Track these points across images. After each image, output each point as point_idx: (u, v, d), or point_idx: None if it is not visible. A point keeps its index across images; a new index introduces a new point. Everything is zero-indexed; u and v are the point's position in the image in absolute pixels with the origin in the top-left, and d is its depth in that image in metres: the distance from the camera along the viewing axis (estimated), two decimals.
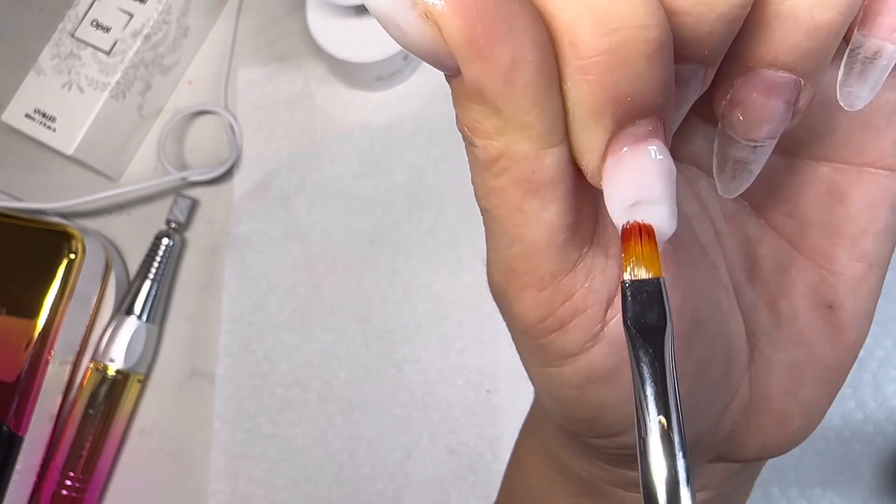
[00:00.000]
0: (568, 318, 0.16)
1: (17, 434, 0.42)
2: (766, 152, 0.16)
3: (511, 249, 0.15)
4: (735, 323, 0.19)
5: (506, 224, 0.15)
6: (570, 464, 0.23)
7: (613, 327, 0.16)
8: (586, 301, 0.16)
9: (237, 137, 0.49)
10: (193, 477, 0.45)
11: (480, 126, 0.14)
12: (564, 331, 0.16)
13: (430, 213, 0.47)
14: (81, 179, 0.49)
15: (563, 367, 0.17)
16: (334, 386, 0.45)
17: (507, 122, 0.14)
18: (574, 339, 0.16)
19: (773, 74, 0.14)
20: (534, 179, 0.14)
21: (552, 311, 0.16)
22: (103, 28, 0.46)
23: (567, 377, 0.17)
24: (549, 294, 0.16)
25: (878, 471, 0.42)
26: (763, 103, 0.15)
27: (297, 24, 0.50)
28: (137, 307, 0.45)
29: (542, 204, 0.15)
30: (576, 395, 0.17)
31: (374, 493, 0.44)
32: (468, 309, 0.45)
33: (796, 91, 0.15)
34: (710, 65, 0.15)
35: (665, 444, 0.13)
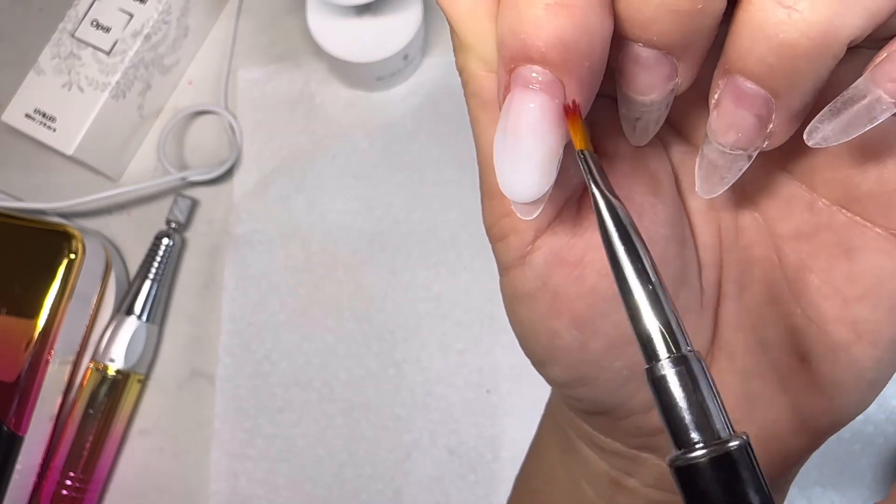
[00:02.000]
0: (506, 231, 0.18)
1: (18, 434, 0.42)
2: (739, 164, 0.16)
3: (477, 157, 0.18)
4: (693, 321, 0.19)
5: (473, 131, 0.17)
6: (557, 411, 0.24)
7: (539, 257, 0.18)
8: (521, 223, 0.18)
9: (237, 137, 0.49)
10: (193, 477, 0.45)
11: (454, 43, 0.17)
12: (505, 243, 0.18)
13: (430, 213, 0.47)
14: (81, 179, 0.49)
15: (503, 276, 0.19)
16: (334, 386, 0.45)
17: (463, 41, 0.16)
18: (508, 253, 0.18)
19: (743, 83, 0.14)
20: (482, 96, 0.17)
21: (497, 220, 0.18)
22: (103, 28, 0.46)
23: (504, 287, 0.19)
24: (496, 204, 0.18)
25: (878, 471, 0.42)
26: (732, 110, 0.15)
27: (297, 24, 0.50)
28: (137, 307, 0.45)
29: (489, 120, 0.17)
30: (508, 307, 0.19)
31: (374, 493, 0.44)
32: (468, 309, 0.45)
33: (767, 108, 0.14)
34: (679, 56, 0.15)
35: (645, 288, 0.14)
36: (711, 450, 0.13)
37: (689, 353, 0.13)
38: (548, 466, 0.25)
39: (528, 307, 0.18)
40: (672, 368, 0.13)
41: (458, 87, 0.17)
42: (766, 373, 0.19)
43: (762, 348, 0.19)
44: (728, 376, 0.19)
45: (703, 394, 0.13)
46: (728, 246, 0.20)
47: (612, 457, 0.21)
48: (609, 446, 0.21)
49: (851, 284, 0.17)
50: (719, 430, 0.13)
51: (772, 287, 0.19)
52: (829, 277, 0.17)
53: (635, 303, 0.14)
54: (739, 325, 0.19)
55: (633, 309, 0.14)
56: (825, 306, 0.18)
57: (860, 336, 0.17)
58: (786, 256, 0.18)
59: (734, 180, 0.16)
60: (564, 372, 0.19)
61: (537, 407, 0.26)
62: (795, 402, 0.19)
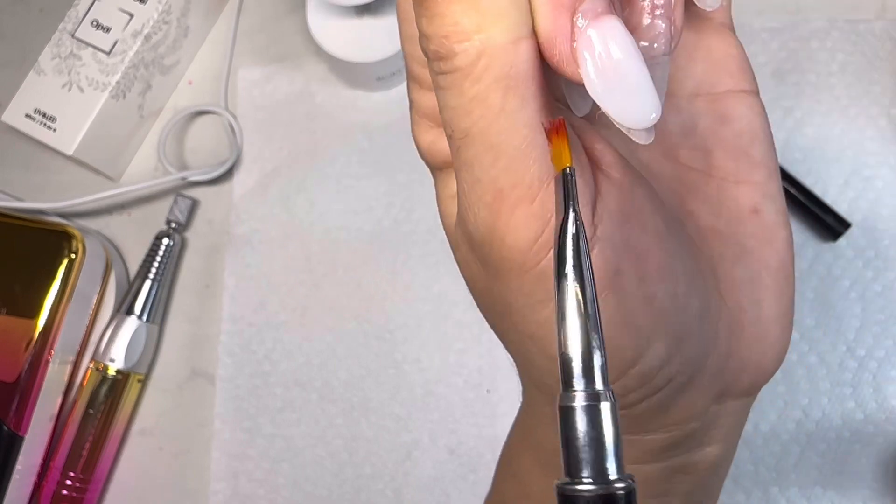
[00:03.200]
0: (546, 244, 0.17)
1: (18, 434, 0.42)
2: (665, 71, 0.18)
3: (495, 167, 0.16)
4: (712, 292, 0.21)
5: (489, 135, 0.16)
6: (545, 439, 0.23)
7: (607, 229, 0.17)
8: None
9: (237, 137, 0.49)
10: (193, 477, 0.45)
11: (459, 27, 0.15)
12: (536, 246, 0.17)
13: (430, 213, 0.47)
14: (81, 179, 0.49)
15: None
16: (334, 386, 0.45)
17: (485, 13, 0.15)
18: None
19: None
20: (512, 75, 0.15)
21: (546, 220, 0.16)
22: (103, 28, 0.46)
23: None
24: (540, 203, 0.16)
25: (878, 471, 0.42)
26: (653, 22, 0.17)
27: (297, 24, 0.50)
28: (137, 307, 0.45)
29: (521, 101, 0.16)
30: None
31: (374, 493, 0.44)
32: (468, 309, 0.45)
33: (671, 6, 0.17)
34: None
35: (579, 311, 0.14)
36: (600, 487, 0.13)
37: (602, 391, 0.14)
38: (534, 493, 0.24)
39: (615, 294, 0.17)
40: (584, 402, 0.14)
41: None
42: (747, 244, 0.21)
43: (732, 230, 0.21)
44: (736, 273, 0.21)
45: (605, 433, 0.14)
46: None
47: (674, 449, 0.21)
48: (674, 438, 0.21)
49: (741, 137, 0.21)
50: (610, 471, 0.14)
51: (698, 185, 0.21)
52: (727, 144, 0.21)
53: (567, 328, 0.14)
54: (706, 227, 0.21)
55: (563, 332, 0.14)
56: (740, 165, 0.21)
57: (770, 168, 0.21)
58: (689, 158, 0.21)
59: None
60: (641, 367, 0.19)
61: None
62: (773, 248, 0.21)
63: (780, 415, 0.43)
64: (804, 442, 0.42)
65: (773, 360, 0.21)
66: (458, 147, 0.17)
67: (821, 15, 0.47)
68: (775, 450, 0.43)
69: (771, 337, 0.21)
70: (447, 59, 0.16)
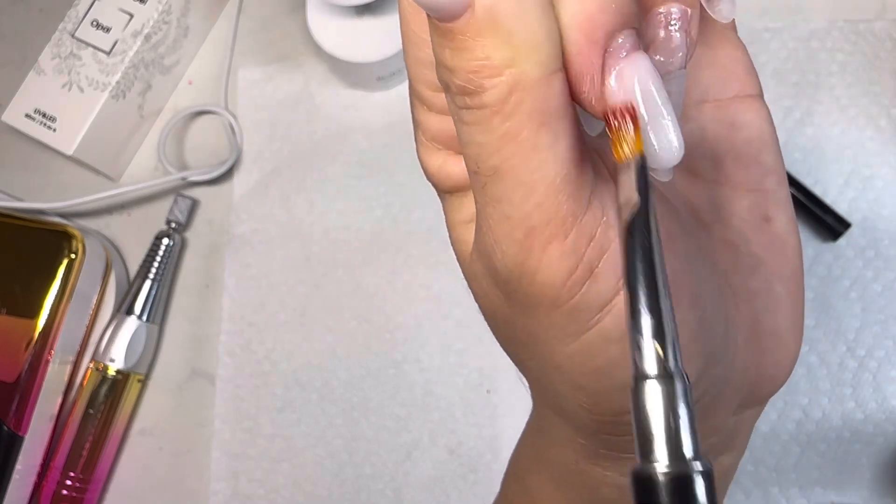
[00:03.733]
0: (596, 259, 0.16)
1: (18, 434, 0.42)
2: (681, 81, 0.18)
3: (527, 203, 0.15)
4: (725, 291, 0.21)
5: (520, 172, 0.15)
6: (601, 481, 0.22)
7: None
8: (608, 236, 0.16)
9: (237, 137, 0.49)
10: (193, 477, 0.45)
11: (490, 62, 0.14)
12: (595, 277, 0.16)
13: (430, 213, 0.47)
14: (81, 179, 0.49)
15: (602, 321, 0.16)
16: (334, 386, 0.45)
17: (519, 47, 0.14)
18: (606, 282, 0.16)
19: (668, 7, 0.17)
20: (545, 109, 0.15)
21: (580, 256, 0.16)
22: (103, 28, 0.46)
23: (607, 332, 0.17)
24: (574, 238, 0.16)
25: (878, 471, 0.42)
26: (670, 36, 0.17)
27: (297, 24, 0.50)
28: (137, 307, 0.45)
29: (555, 137, 0.15)
30: (619, 352, 0.17)
31: (374, 493, 0.44)
32: (468, 309, 0.45)
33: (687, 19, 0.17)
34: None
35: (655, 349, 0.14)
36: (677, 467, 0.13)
37: (676, 371, 0.14)
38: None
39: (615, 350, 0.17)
40: (659, 386, 0.14)
41: None
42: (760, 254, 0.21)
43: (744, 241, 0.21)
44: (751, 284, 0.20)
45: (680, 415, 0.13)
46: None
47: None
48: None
49: (751, 144, 0.21)
50: (687, 452, 0.13)
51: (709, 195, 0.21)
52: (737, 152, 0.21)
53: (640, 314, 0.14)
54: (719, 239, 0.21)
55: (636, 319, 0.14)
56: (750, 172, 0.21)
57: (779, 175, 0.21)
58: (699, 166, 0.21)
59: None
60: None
61: None
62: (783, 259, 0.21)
63: (780, 415, 0.43)
64: (804, 442, 0.42)
65: (786, 369, 0.21)
66: (485, 184, 0.16)
67: (821, 15, 0.48)
68: (775, 450, 0.43)
69: (785, 346, 0.21)
70: (475, 94, 0.15)
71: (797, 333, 0.21)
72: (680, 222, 0.19)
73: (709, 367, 0.18)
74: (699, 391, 0.18)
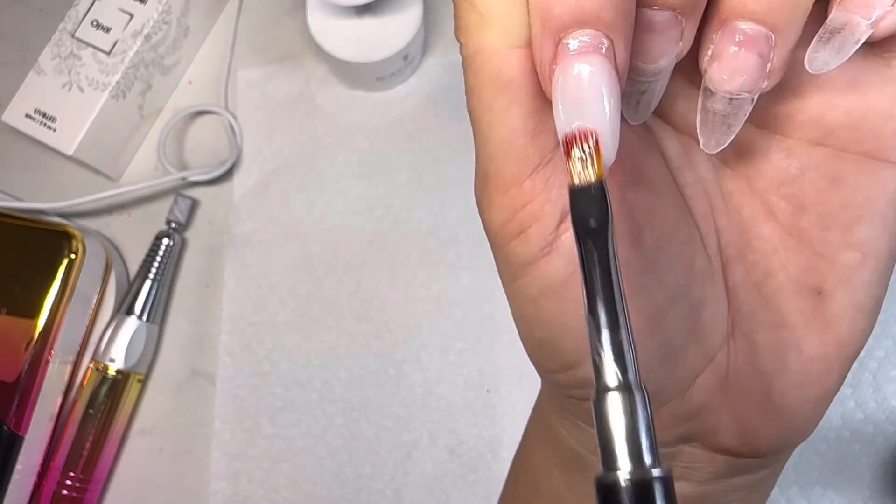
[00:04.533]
0: (527, 223, 0.17)
1: (18, 434, 0.42)
2: (744, 108, 0.16)
3: (483, 151, 0.17)
4: (710, 290, 0.20)
5: (480, 123, 0.17)
6: (561, 434, 0.23)
7: (566, 240, 0.17)
8: (543, 209, 0.17)
9: (237, 137, 0.49)
10: (193, 477, 0.45)
11: (467, 23, 0.16)
12: (524, 237, 0.17)
13: (430, 213, 0.47)
14: (81, 179, 0.49)
15: (523, 277, 0.18)
16: (334, 386, 0.45)
17: (486, 16, 0.16)
18: (531, 247, 0.18)
19: (743, 24, 0.15)
20: (501, 77, 0.16)
21: (514, 214, 0.17)
22: (103, 28, 0.46)
23: (525, 289, 0.18)
24: (512, 196, 0.17)
25: (878, 471, 0.42)
26: (735, 54, 0.16)
27: (297, 24, 0.50)
28: (138, 307, 0.45)
29: (507, 104, 0.16)
30: (533, 310, 0.18)
31: (374, 492, 0.44)
32: (468, 309, 0.45)
33: (768, 45, 0.15)
34: (686, 16, 0.16)
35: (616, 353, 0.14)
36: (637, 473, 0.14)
37: (634, 381, 0.14)
38: (548, 490, 0.24)
39: (559, 299, 0.18)
40: (619, 397, 0.14)
41: (459, 87, 0.17)
42: (789, 318, 0.19)
43: (777, 297, 0.19)
44: (753, 335, 0.20)
45: (640, 425, 0.14)
46: (719, 212, 0.20)
47: None
48: None
49: (847, 210, 0.18)
50: (647, 459, 0.14)
51: (770, 238, 0.19)
52: (826, 210, 0.18)
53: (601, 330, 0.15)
54: (750, 281, 0.20)
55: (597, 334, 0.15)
56: (829, 237, 0.19)
57: (867, 255, 0.18)
58: (775, 204, 0.19)
59: (739, 127, 0.17)
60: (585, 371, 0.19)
61: None
62: (822, 338, 0.19)
63: None
64: (804, 442, 0.42)
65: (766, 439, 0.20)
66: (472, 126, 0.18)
67: None
68: None
69: (773, 418, 0.20)
70: (462, 46, 0.17)
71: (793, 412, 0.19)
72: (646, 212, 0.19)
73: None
74: None
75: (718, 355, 0.20)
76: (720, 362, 0.20)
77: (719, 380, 0.20)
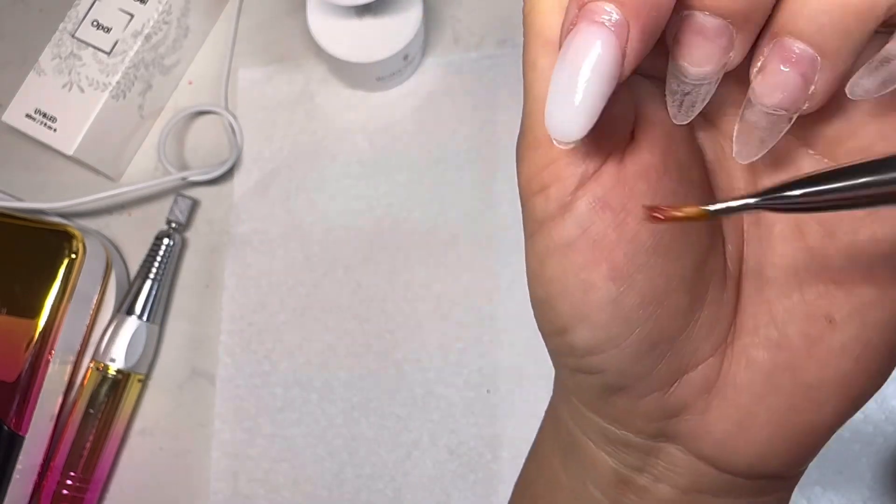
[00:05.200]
0: (549, 181, 0.18)
1: (18, 434, 0.42)
2: (781, 125, 0.16)
3: (525, 106, 0.18)
4: (717, 293, 0.19)
5: (526, 79, 0.18)
6: (562, 413, 0.23)
7: (581, 204, 0.18)
8: (565, 170, 0.18)
9: (237, 137, 0.49)
10: (193, 477, 0.45)
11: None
12: (545, 194, 0.18)
13: (430, 213, 0.47)
14: (82, 179, 0.49)
15: (537, 233, 0.19)
16: (334, 386, 0.45)
17: None
18: (549, 204, 0.18)
19: (791, 43, 0.15)
20: (547, 35, 0.17)
21: (539, 170, 0.18)
22: (104, 28, 0.46)
23: (536, 245, 0.19)
24: (541, 153, 0.18)
25: (878, 471, 0.42)
26: (778, 71, 0.16)
27: (297, 24, 0.51)
28: (138, 307, 0.45)
29: (549, 63, 0.17)
30: (539, 267, 0.19)
31: (374, 492, 0.44)
32: (468, 309, 0.45)
33: (813, 68, 0.15)
34: (739, 27, 0.15)
35: None
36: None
37: None
38: (549, 472, 0.24)
39: (563, 259, 0.18)
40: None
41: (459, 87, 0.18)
42: (792, 340, 0.19)
43: (786, 318, 0.19)
44: (752, 349, 0.19)
45: None
46: (749, 223, 0.20)
47: (623, 452, 0.21)
48: (622, 438, 0.21)
49: (876, 244, 0.18)
50: None
51: (794, 258, 0.19)
52: (856, 240, 0.18)
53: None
54: (762, 297, 0.20)
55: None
56: (851, 268, 0.18)
57: (886, 294, 0.18)
58: (807, 226, 0.19)
59: (773, 143, 0.17)
60: (592, 333, 0.19)
61: (537, 407, 0.26)
62: (822, 367, 0.19)
63: None
64: None
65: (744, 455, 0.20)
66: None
67: None
68: None
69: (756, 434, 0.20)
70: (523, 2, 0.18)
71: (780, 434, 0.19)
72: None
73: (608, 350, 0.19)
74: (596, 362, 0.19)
75: (711, 360, 0.20)
76: (712, 367, 0.20)
77: (707, 384, 0.20)
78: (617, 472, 0.22)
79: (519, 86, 0.19)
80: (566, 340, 0.19)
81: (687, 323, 0.19)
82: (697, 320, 0.19)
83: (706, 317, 0.19)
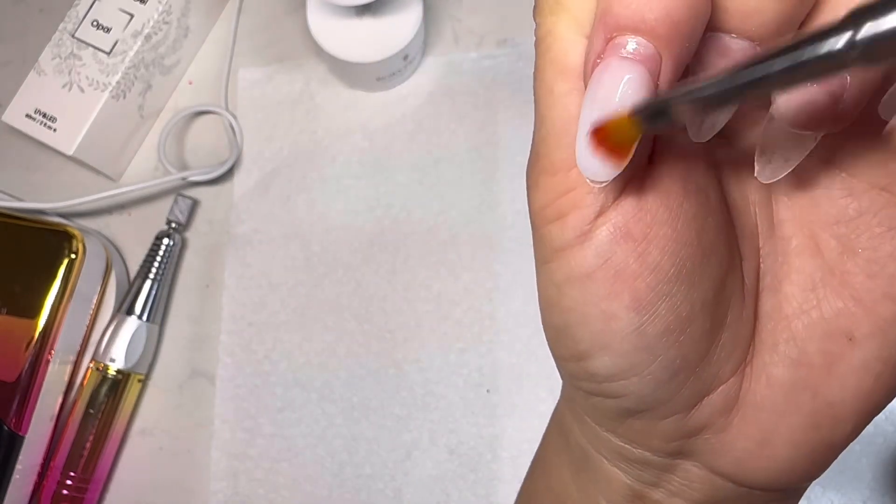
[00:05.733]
0: (566, 209, 0.17)
1: (18, 434, 0.42)
2: (807, 144, 0.16)
3: (539, 132, 0.17)
4: (737, 313, 0.19)
5: (540, 105, 0.17)
6: (573, 428, 0.23)
7: (601, 233, 0.17)
8: (585, 199, 0.17)
9: (237, 137, 0.49)
10: (193, 477, 0.45)
11: (543, 4, 0.17)
12: (562, 222, 0.17)
13: (430, 213, 0.47)
14: (82, 179, 0.49)
15: (553, 261, 0.18)
16: (334, 386, 0.45)
17: (561, 3, 0.16)
18: (566, 233, 0.17)
19: None
20: (565, 62, 0.16)
21: (556, 198, 0.17)
22: (104, 28, 0.46)
23: (553, 273, 0.18)
24: (558, 181, 0.17)
25: (878, 471, 0.42)
26: (806, 89, 0.15)
27: (297, 24, 0.51)
28: (138, 307, 0.45)
29: (567, 89, 0.17)
30: (556, 295, 0.18)
31: (374, 492, 0.44)
32: (468, 309, 0.45)
33: (842, 86, 0.15)
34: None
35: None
36: None
37: None
38: (559, 485, 0.24)
39: (583, 289, 0.18)
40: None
41: (459, 87, 0.17)
42: (812, 358, 0.19)
43: (805, 335, 0.19)
44: (772, 367, 0.19)
45: None
46: (766, 239, 0.20)
47: (638, 469, 0.21)
48: (638, 457, 0.21)
49: (894, 258, 0.18)
50: None
51: (812, 274, 0.19)
52: (875, 257, 0.18)
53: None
54: (781, 314, 0.19)
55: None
56: (871, 285, 0.18)
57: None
58: (826, 242, 0.19)
59: (797, 163, 0.17)
60: (614, 361, 0.18)
61: (537, 407, 0.26)
62: (842, 385, 0.19)
63: None
64: None
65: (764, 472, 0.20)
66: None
67: None
68: None
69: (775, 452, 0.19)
70: (537, 27, 0.17)
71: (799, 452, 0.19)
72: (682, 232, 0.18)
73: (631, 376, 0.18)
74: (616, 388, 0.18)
75: (731, 380, 0.19)
76: (732, 387, 0.19)
77: (727, 404, 0.19)
78: (631, 487, 0.21)
79: (519, 85, 0.19)
80: (584, 367, 0.19)
81: (709, 346, 0.19)
82: (719, 342, 0.19)
83: (727, 338, 0.19)
